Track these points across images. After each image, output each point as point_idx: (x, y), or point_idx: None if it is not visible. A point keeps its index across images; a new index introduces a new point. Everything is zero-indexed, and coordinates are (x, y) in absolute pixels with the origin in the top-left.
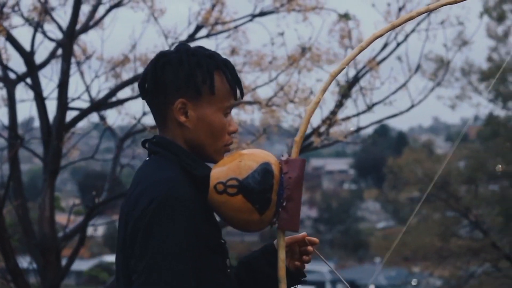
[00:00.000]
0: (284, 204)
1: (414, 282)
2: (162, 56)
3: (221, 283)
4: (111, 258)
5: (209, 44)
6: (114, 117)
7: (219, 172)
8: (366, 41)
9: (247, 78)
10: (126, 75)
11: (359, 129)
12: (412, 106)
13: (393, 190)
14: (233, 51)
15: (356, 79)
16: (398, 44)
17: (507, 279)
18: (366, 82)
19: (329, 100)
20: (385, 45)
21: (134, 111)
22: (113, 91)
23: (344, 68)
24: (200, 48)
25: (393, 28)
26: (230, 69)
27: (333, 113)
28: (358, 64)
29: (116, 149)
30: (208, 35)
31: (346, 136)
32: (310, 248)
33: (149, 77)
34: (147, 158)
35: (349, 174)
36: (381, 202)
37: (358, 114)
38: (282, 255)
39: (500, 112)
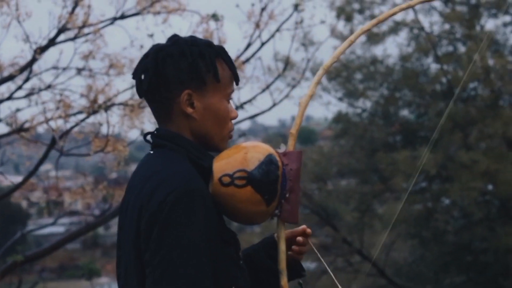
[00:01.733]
0: (287, 195)
1: None
2: (160, 50)
3: (235, 276)
4: None
5: (68, 47)
6: None
7: (223, 164)
8: (354, 35)
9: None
10: None
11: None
12: (274, 105)
13: None
14: (90, 55)
15: None
16: (263, 44)
17: (357, 273)
18: None
19: None
20: (249, 45)
21: None
22: None
23: (335, 61)
24: (194, 37)
25: (378, 22)
26: (227, 55)
27: None
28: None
29: None
30: (74, 38)
31: None
32: (300, 238)
33: (150, 73)
34: (151, 152)
35: None
36: None
37: None
38: (283, 246)
39: (348, 110)
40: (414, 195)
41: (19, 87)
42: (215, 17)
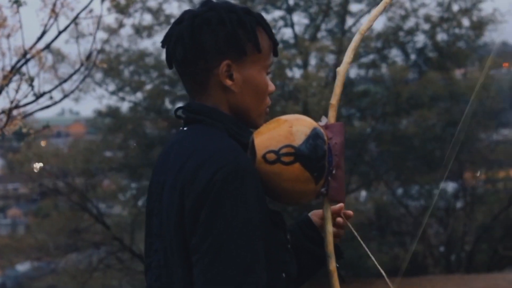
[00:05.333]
0: (333, 172)
1: None
2: (196, 16)
3: (285, 261)
4: None
5: None
6: None
7: (265, 140)
8: None
9: None
10: None
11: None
12: (65, 97)
13: None
14: None
15: (17, 67)
16: (60, 32)
17: (129, 270)
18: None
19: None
20: (44, 33)
21: None
22: None
23: (371, 25)
24: (229, 3)
25: None
26: (267, 24)
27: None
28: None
29: None
30: None
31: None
32: (340, 219)
33: (186, 41)
34: (185, 128)
35: None
36: None
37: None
38: (330, 227)
39: (121, 104)
40: None
41: None
42: (17, 2)
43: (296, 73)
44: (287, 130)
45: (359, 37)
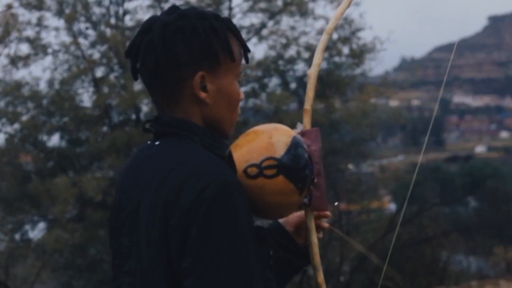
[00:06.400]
0: (315, 180)
1: None
2: (167, 25)
3: (269, 279)
4: None
5: None
6: None
7: (246, 153)
8: None
9: None
10: None
11: None
12: None
13: None
14: None
15: None
16: None
17: None
18: None
19: None
20: None
21: None
22: None
23: (337, 23)
24: (197, 8)
25: None
26: (237, 29)
27: None
28: None
29: None
30: None
31: None
32: (326, 224)
33: (158, 51)
34: (156, 143)
35: None
36: None
37: None
38: (315, 238)
39: None
40: (72, 223)
41: None
42: None
43: None
44: (267, 141)
45: (326, 37)
